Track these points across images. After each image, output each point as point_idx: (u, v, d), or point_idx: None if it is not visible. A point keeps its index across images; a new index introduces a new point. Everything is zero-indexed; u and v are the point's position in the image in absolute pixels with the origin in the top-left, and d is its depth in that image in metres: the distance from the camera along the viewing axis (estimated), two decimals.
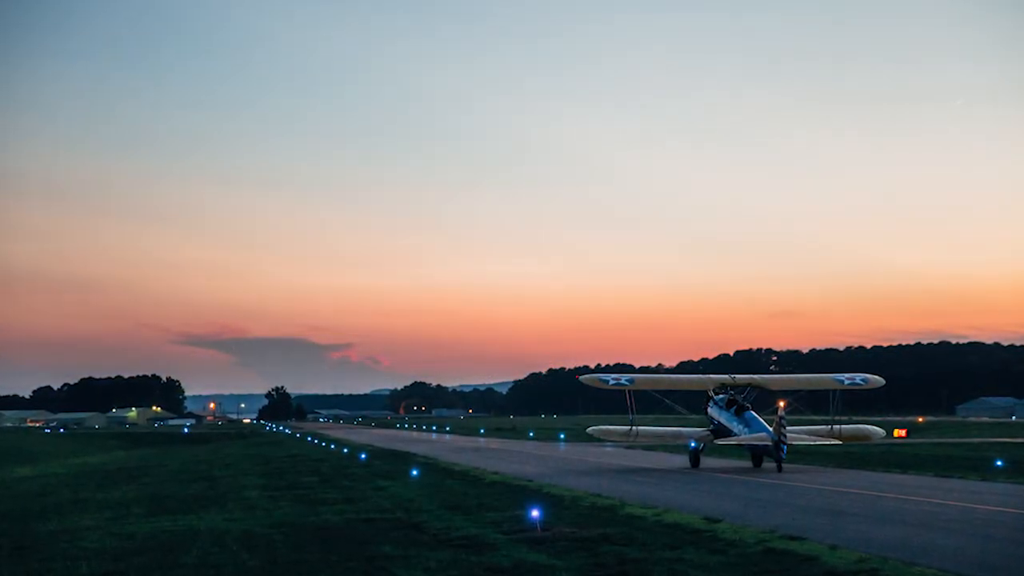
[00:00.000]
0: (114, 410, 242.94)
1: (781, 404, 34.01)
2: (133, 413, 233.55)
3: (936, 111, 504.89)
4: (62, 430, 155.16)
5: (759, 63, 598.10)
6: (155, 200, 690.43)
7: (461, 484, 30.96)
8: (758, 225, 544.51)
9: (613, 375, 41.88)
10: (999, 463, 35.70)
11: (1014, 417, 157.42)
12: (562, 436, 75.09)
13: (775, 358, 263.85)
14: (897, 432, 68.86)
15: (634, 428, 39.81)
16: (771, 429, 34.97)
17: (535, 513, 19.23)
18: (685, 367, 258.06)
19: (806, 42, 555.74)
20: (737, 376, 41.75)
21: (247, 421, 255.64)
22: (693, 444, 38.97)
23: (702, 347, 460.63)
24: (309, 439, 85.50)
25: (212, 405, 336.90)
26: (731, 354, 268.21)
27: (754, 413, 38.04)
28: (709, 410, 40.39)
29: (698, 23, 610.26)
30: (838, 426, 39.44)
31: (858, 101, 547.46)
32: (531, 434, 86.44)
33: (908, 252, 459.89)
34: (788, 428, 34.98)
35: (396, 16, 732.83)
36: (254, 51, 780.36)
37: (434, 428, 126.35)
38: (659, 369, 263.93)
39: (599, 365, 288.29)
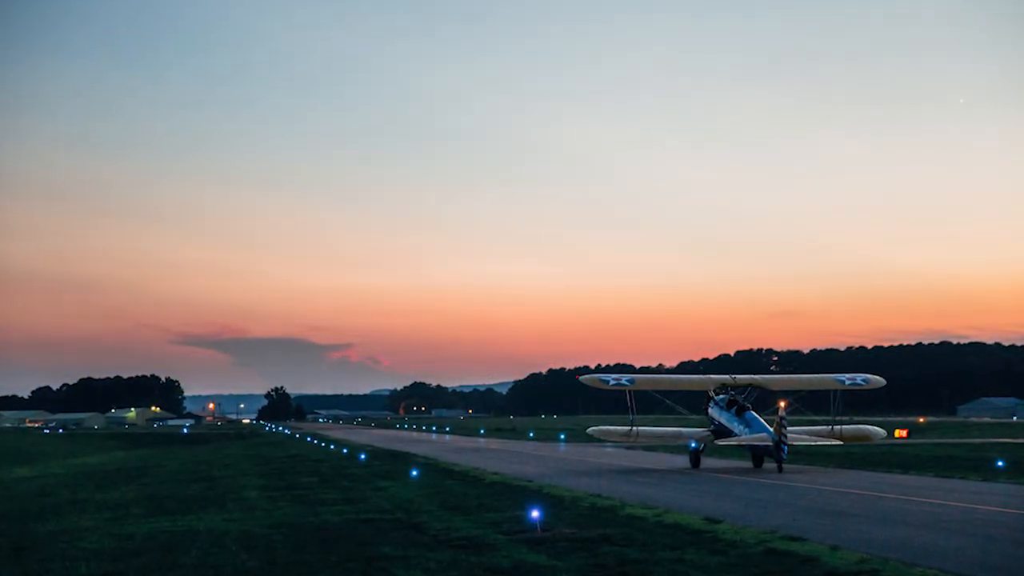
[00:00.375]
0: (113, 410, 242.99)
1: (782, 404, 33.98)
2: (132, 413, 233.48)
3: (936, 111, 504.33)
4: (61, 430, 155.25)
5: (759, 63, 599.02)
6: (155, 200, 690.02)
7: (461, 484, 30.91)
8: (758, 225, 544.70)
9: (613, 375, 41.84)
10: (1000, 463, 35.65)
11: (1015, 417, 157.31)
12: (562, 436, 75.07)
13: (775, 358, 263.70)
14: (898, 432, 68.79)
15: (634, 428, 39.75)
16: (772, 429, 34.93)
17: (535, 514, 19.17)
18: (685, 367, 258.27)
19: (806, 42, 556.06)
20: (738, 376, 41.68)
21: (246, 421, 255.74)
22: (693, 444, 38.91)
23: (702, 347, 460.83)
24: (309, 439, 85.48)
25: (211, 405, 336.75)
26: (731, 354, 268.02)
27: (755, 413, 37.99)
28: (710, 410, 40.34)
29: (698, 23, 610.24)
30: (839, 426, 39.42)
31: (858, 101, 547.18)
32: (531, 434, 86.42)
33: (908, 252, 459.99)
34: (789, 428, 34.93)
35: (396, 16, 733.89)
36: (254, 51, 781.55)
37: (434, 428, 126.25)
38: (659, 369, 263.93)
39: (599, 365, 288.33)
